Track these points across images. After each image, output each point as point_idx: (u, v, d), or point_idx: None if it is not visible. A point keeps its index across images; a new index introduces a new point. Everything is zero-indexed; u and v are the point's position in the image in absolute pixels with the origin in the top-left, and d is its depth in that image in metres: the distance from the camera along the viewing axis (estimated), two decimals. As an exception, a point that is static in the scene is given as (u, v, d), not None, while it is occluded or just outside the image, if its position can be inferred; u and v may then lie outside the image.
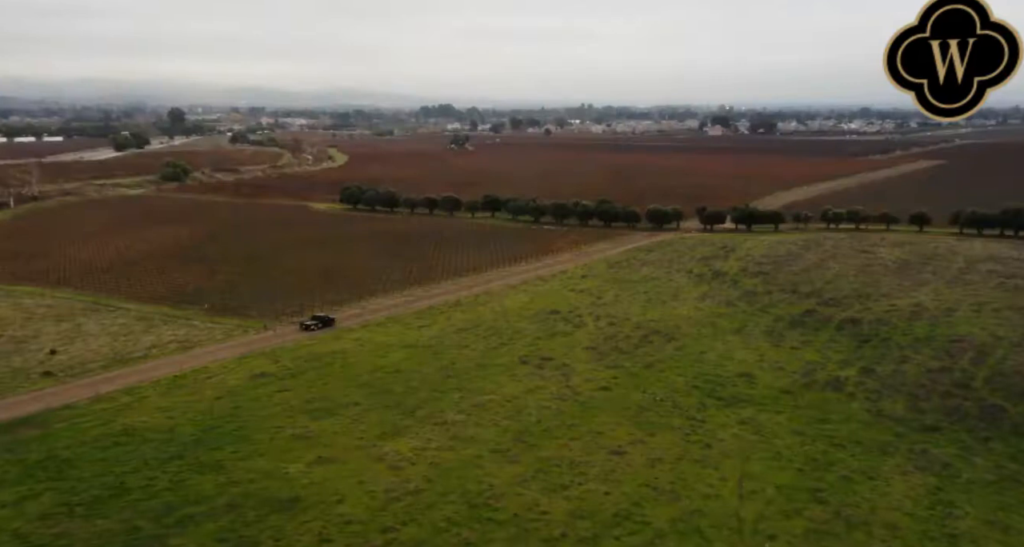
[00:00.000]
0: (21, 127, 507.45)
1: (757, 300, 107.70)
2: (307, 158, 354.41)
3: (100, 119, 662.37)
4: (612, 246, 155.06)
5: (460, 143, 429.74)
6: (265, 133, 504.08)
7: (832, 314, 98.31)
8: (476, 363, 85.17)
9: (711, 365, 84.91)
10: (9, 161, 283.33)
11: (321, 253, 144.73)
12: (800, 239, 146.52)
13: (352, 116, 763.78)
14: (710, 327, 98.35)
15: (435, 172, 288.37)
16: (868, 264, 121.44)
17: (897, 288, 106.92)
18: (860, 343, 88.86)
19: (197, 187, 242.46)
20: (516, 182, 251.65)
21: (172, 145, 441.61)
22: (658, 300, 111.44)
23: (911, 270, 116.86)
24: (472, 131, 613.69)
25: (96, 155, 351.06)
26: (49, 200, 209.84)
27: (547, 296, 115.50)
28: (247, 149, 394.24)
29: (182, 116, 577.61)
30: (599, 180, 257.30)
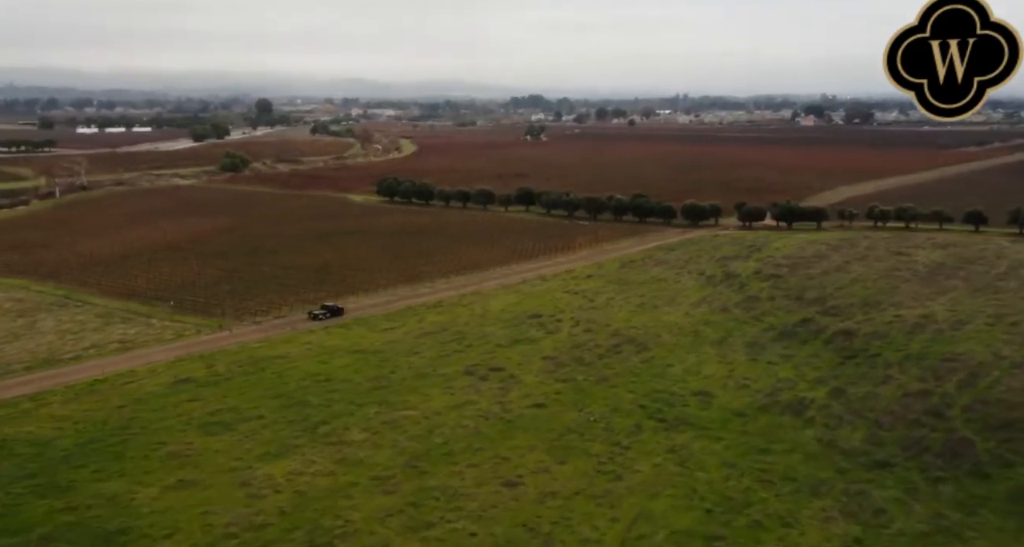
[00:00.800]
0: (114, 118, 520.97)
1: (756, 306, 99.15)
2: (377, 148, 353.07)
3: (198, 110, 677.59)
4: (636, 243, 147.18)
5: (535, 134, 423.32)
6: (344, 124, 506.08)
7: (827, 324, 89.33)
8: (417, 372, 79.42)
9: (671, 380, 77.40)
10: (64, 152, 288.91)
11: (330, 248, 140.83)
12: (836, 239, 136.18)
13: (441, 107, 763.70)
14: (691, 336, 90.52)
15: (494, 163, 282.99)
16: (895, 268, 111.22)
17: (913, 296, 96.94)
18: (844, 359, 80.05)
19: (248, 178, 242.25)
20: (572, 174, 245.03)
21: (253, 136, 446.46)
22: (651, 304, 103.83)
23: (940, 275, 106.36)
24: (555, 121, 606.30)
25: (174, 145, 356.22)
26: (97, 190, 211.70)
27: (537, 297, 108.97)
28: (321, 139, 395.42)
29: (269, 107, 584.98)
30: (658, 172, 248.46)
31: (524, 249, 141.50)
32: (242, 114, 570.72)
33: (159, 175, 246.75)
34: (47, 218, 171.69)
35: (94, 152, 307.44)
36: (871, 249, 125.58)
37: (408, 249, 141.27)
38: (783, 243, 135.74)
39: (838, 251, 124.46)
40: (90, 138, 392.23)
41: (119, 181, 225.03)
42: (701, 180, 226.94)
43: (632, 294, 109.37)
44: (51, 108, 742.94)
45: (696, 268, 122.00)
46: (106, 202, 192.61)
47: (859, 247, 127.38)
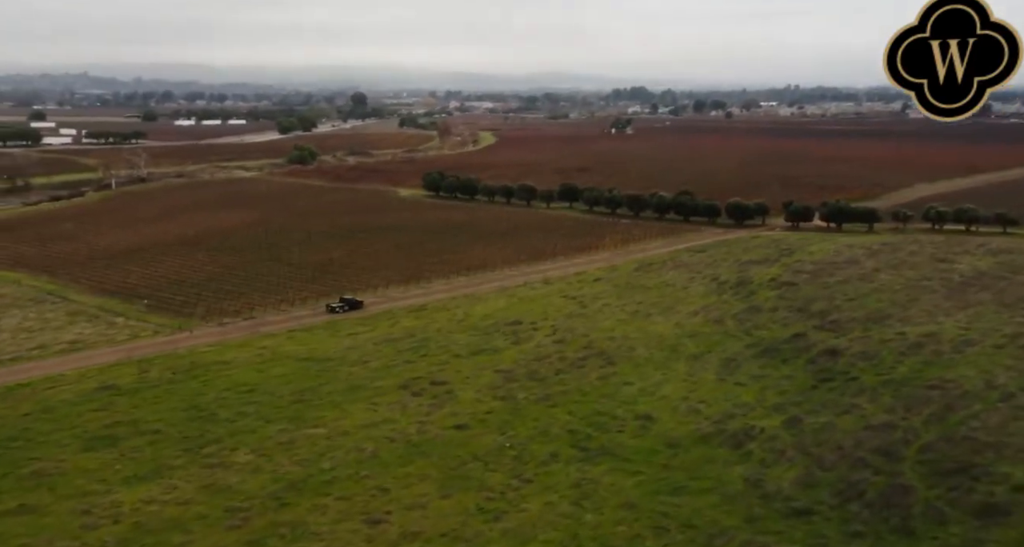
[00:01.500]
0: (215, 111, 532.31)
1: (752, 318, 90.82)
2: (455, 141, 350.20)
3: (301, 103, 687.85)
4: (667, 244, 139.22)
5: (621, 127, 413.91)
6: (434, 117, 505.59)
7: (818, 341, 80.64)
8: (351, 385, 74.41)
9: (620, 401, 70.41)
10: (152, 143, 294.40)
11: (347, 244, 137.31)
12: (879, 243, 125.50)
13: (539, 99, 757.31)
14: (668, 350, 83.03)
15: (564, 156, 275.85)
16: (925, 277, 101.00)
17: (929, 310, 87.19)
18: (819, 382, 71.68)
19: (309, 170, 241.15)
20: (638, 169, 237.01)
21: (341, 128, 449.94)
22: (645, 313, 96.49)
23: (973, 287, 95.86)
24: (651, 114, 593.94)
25: (258, 137, 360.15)
26: (155, 182, 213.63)
27: (529, 302, 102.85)
28: (403, 132, 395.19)
29: (364, 100, 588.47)
30: (731, 168, 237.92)
31: (545, 248, 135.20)
32: (338, 107, 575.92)
33: (225, 167, 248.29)
34: (90, 210, 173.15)
35: (175, 144, 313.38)
36: (913, 254, 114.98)
37: (426, 247, 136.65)
38: (820, 247, 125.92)
39: (874, 257, 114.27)
40: (183, 130, 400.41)
41: (179, 173, 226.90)
42: (773, 176, 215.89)
43: (631, 300, 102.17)
44: (166, 101, 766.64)
45: (713, 273, 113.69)
46: (155, 194, 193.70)
47: (900, 253, 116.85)
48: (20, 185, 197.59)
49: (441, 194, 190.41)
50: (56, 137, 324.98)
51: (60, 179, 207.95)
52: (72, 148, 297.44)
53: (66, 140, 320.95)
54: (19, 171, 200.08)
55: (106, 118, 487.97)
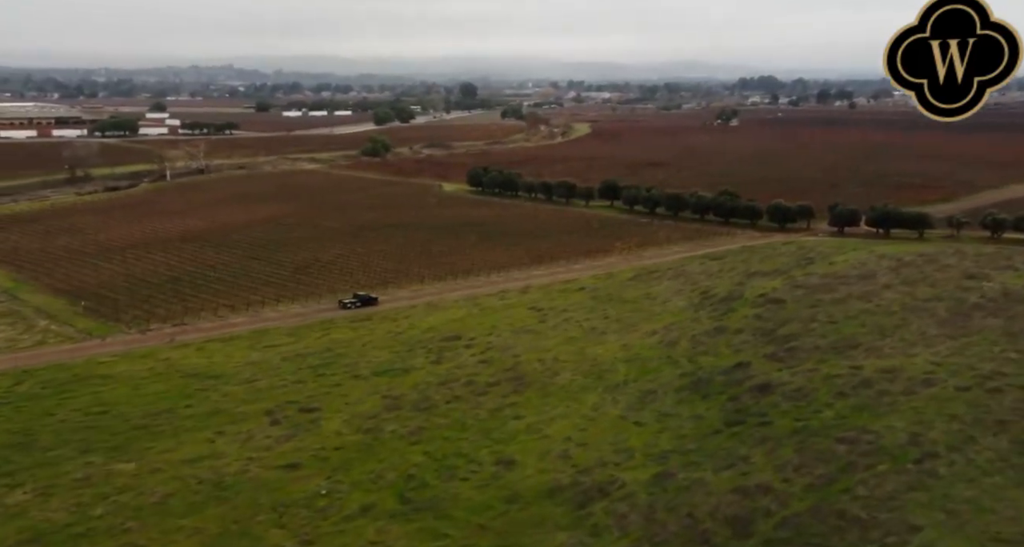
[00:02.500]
0: (323, 101, 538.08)
1: (708, 342, 79.98)
2: (543, 132, 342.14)
3: (423, 94, 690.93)
4: (689, 248, 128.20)
5: (727, 118, 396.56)
6: (539, 108, 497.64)
7: (757, 374, 69.56)
8: (215, 409, 67.79)
9: (494, 439, 61.57)
10: (245, 134, 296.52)
11: (348, 243, 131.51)
12: (915, 253, 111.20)
13: (659, 89, 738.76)
14: (593, 378, 73.32)
15: (649, 150, 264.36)
16: (938, 297, 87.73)
17: (912, 339, 74.82)
18: (727, 425, 61.06)
19: (371, 163, 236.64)
20: (721, 165, 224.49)
21: (443, 119, 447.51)
22: (601, 330, 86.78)
23: (984, 311, 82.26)
24: (770, 104, 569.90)
25: (353, 128, 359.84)
26: (213, 174, 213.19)
27: (487, 314, 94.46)
28: (501, 124, 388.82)
29: (473, 91, 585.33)
30: (819, 164, 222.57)
31: (554, 251, 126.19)
32: (445, 98, 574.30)
33: (295, 159, 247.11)
34: (124, 202, 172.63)
35: (261, 135, 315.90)
36: (942, 269, 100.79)
37: (431, 247, 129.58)
38: (847, 256, 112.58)
39: (896, 271, 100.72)
40: (282, 121, 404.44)
41: (241, 165, 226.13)
42: (861, 173, 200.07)
43: (597, 315, 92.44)
44: (294, 92, 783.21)
45: (709, 285, 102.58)
46: (204, 186, 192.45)
47: (930, 266, 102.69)
48: (80, 175, 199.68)
49: (482, 190, 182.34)
50: (154, 128, 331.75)
51: (123, 170, 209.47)
52: (163, 138, 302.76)
53: (163, 130, 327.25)
54: (80, 162, 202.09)
55: (224, 109, 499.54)
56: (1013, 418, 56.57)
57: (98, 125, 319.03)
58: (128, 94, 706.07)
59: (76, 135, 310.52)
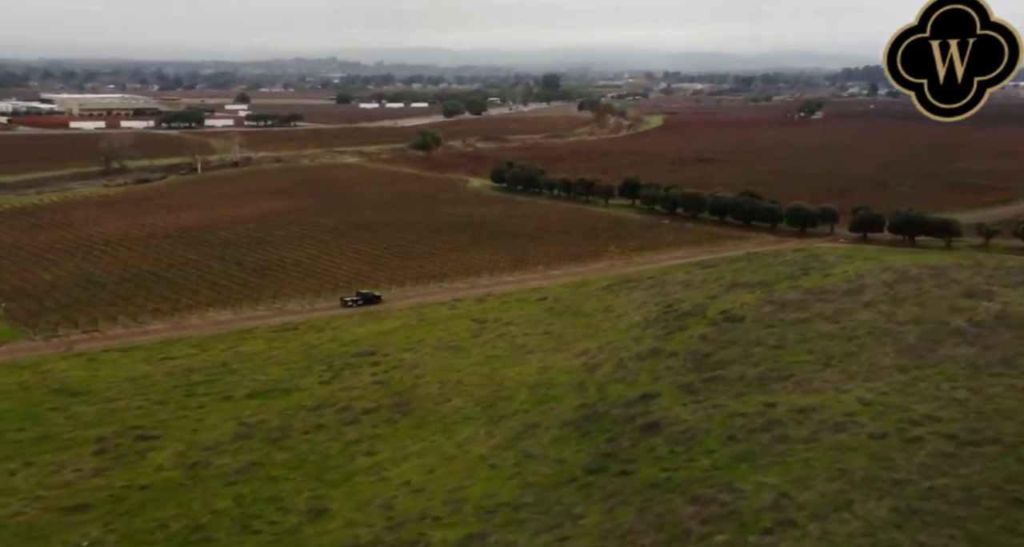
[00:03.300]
0: (402, 93, 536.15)
1: (631, 367, 71.34)
2: (614, 124, 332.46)
3: (511, 85, 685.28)
4: (690, 254, 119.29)
5: (810, 111, 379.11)
6: (623, 100, 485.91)
7: (655, 409, 60.83)
8: (45, 433, 62.01)
9: (324, 482, 54.52)
10: (308, 126, 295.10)
11: (332, 242, 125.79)
12: (921, 265, 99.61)
13: (756, 80, 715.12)
14: (484, 407, 65.60)
15: (710, 145, 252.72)
16: (915, 321, 77.13)
17: (855, 372, 65.07)
18: (584, 473, 52.82)
19: (413, 157, 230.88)
20: (777, 161, 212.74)
21: (520, 110, 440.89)
22: (529, 349, 79.12)
23: (957, 339, 71.51)
24: (869, 95, 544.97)
25: (417, 121, 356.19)
26: (248, 167, 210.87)
27: (423, 326, 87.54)
28: (573, 116, 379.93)
29: (556, 82, 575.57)
30: (882, 162, 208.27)
31: (543, 254, 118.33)
32: (527, 90, 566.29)
33: (341, 152, 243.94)
34: (139, 196, 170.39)
35: (324, 127, 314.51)
36: (945, 285, 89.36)
37: (415, 248, 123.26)
38: (847, 268, 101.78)
39: (889, 287, 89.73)
40: (353, 112, 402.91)
41: (279, 158, 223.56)
42: (923, 173, 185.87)
43: (537, 331, 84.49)
44: (384, 84, 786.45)
45: (679, 297, 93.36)
46: (229, 180, 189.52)
47: (930, 281, 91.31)
48: (115, 167, 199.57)
49: (506, 186, 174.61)
50: (220, 120, 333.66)
51: (160, 162, 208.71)
52: (224, 130, 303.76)
53: (228, 122, 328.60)
54: (115, 154, 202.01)
55: (308, 101, 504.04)
56: (914, 478, 46.94)
57: (165, 117, 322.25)
58: (225, 86, 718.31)
59: (143, 126, 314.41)
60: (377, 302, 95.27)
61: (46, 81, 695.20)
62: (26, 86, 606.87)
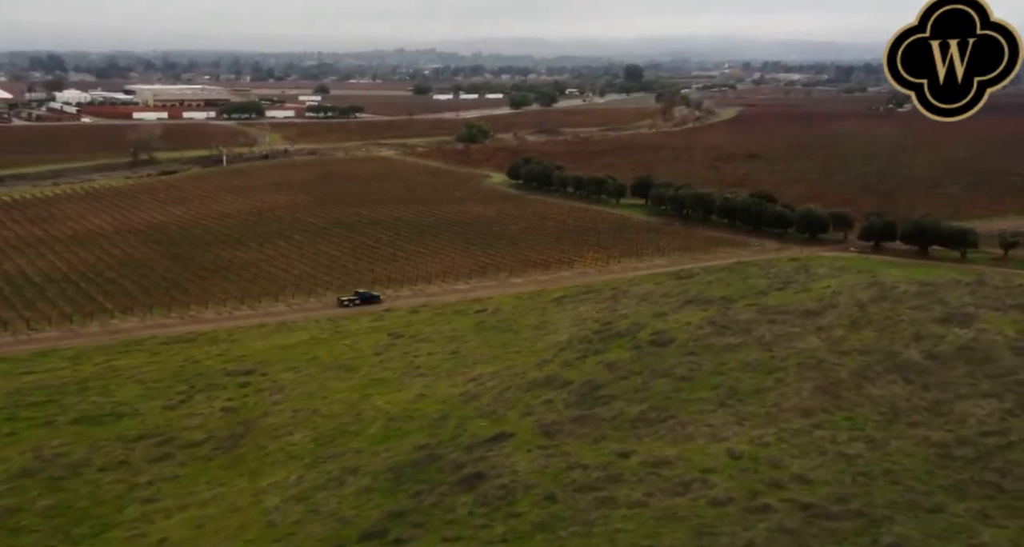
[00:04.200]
0: (478, 85, 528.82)
1: (510, 398, 62.61)
2: (680, 116, 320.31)
3: (598, 76, 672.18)
4: (673, 262, 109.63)
5: (897, 103, 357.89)
6: (707, 91, 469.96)
7: (497, 455, 52.13)
8: None
9: (67, 539, 47.39)
10: (369, 117, 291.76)
11: (304, 242, 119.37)
12: (914, 281, 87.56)
13: (857, 70, 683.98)
14: (322, 444, 57.79)
15: (772, 139, 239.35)
16: (857, 351, 66.66)
17: (750, 413, 55.87)
18: (357, 540, 44.35)
19: (445, 151, 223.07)
20: (820, 159, 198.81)
21: (593, 102, 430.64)
22: (421, 372, 70.98)
23: (896, 376, 61.07)
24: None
25: (482, 112, 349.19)
26: (277, 159, 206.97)
27: (333, 340, 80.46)
28: (641, 108, 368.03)
29: (639, 73, 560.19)
30: (938, 159, 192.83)
31: (517, 259, 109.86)
32: (608, 81, 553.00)
33: (382, 144, 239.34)
34: (145, 188, 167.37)
35: (381, 119, 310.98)
36: (924, 307, 77.74)
37: (382, 250, 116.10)
38: (830, 282, 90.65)
39: (860, 308, 78.44)
40: (424, 103, 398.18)
41: (312, 151, 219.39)
42: (987, 172, 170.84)
43: (447, 350, 76.47)
44: (473, 75, 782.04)
45: (625, 314, 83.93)
46: (248, 173, 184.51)
47: (916, 300, 79.75)
48: (143, 159, 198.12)
49: (521, 183, 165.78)
50: (281, 111, 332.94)
51: (190, 154, 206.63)
52: (284, 121, 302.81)
53: (289, 114, 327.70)
54: (144, 145, 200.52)
55: (387, 92, 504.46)
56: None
57: (226, 107, 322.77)
58: (317, 77, 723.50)
59: (204, 117, 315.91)
60: (376, 302, 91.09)
61: (146, 72, 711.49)
62: (127, 77, 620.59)
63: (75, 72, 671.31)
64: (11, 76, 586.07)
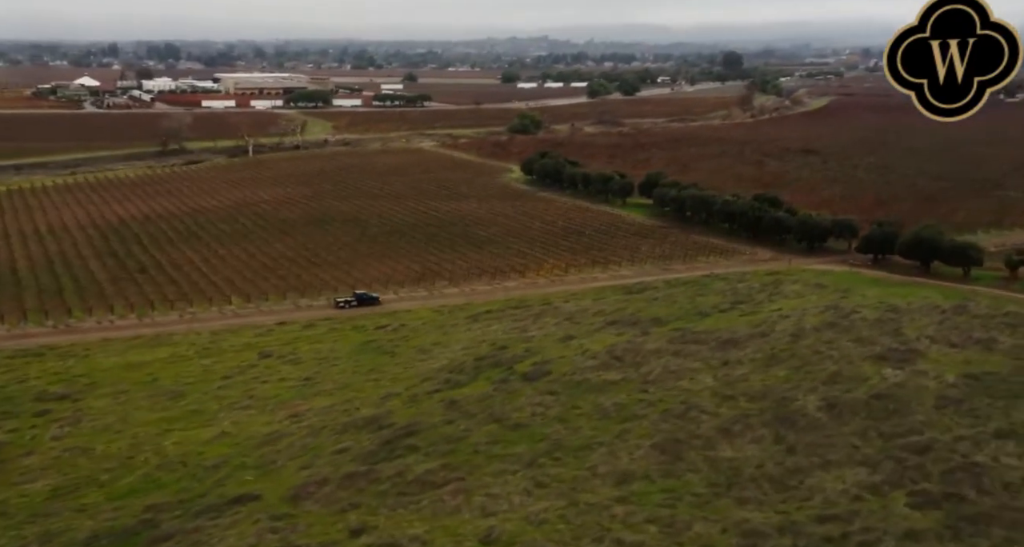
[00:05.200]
0: (566, 73, 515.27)
1: (304, 444, 53.22)
2: (760, 106, 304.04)
3: (705, 63, 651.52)
4: (637, 273, 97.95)
5: (1011, 93, 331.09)
6: (811, 79, 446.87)
7: (193, 528, 42.78)
8: None
9: None
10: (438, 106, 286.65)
11: (251, 241, 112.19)
12: (877, 307, 74.62)
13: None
14: (51, 498, 49.43)
15: (840, 132, 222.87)
16: (746, 396, 55.27)
17: (547, 480, 45.35)
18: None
19: (481, 143, 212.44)
20: (880, 155, 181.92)
21: (682, 91, 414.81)
22: (242, 406, 61.94)
23: (769, 431, 49.79)
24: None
25: (556, 101, 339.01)
26: (309, 150, 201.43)
27: (193, 358, 72.36)
28: (722, 97, 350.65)
29: (738, 60, 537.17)
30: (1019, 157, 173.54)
31: (467, 266, 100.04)
32: (701, 69, 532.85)
33: (427, 135, 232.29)
34: (150, 180, 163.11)
35: (447, 108, 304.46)
36: (866, 340, 65.64)
37: (340, 252, 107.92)
38: (783, 304, 78.80)
39: (793, 338, 66.93)
40: (510, 93, 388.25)
41: (346, 141, 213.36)
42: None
43: (298, 376, 67.42)
44: (576, 63, 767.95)
45: (532, 334, 73.50)
46: (266, 164, 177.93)
47: (869, 330, 67.48)
48: (174, 148, 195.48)
49: (534, 179, 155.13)
50: (347, 99, 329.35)
51: (225, 144, 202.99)
52: (347, 110, 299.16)
53: (356, 102, 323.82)
54: (174, 134, 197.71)
55: (474, 80, 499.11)
56: None
57: (292, 96, 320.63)
58: (416, 65, 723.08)
59: (269, 106, 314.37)
60: (374, 304, 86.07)
61: (253, 61, 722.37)
62: (233, 65, 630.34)
63: (186, 60, 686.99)
64: (124, 64, 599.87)
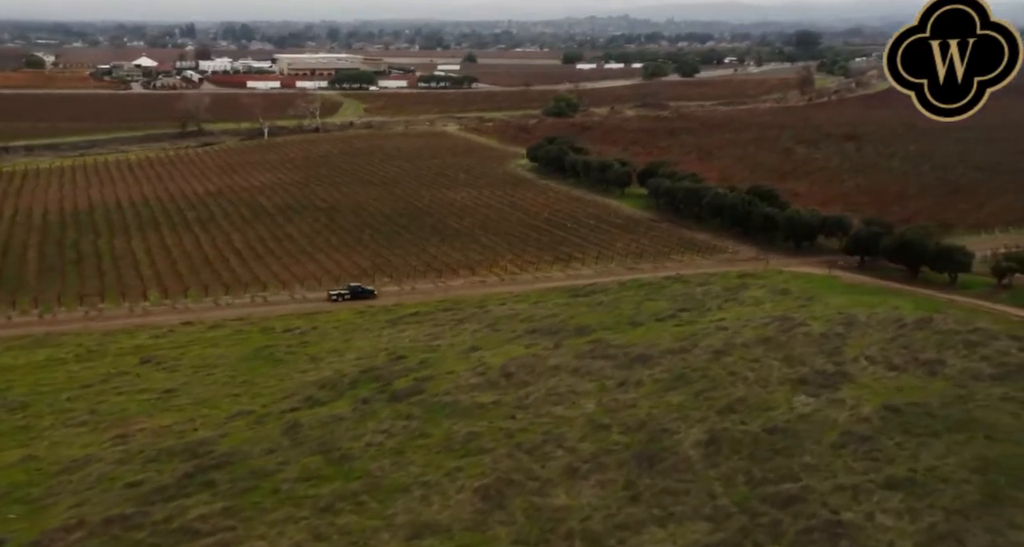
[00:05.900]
0: (625, 54, 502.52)
1: (101, 474, 47.23)
2: (822, 87, 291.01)
3: (785, 43, 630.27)
4: (598, 273, 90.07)
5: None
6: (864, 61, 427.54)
7: None
8: None
9: None
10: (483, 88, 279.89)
11: (205, 234, 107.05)
12: (834, 320, 65.88)
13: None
14: None
15: (886, 119, 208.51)
16: (621, 426, 47.88)
17: (329, 531, 38.10)
18: None
19: (505, 127, 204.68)
20: (922, 144, 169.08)
21: (745, 72, 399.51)
22: (79, 421, 56.28)
23: (616, 474, 42.31)
24: None
25: (610, 83, 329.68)
26: (330, 132, 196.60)
27: (71, 362, 67.52)
28: (784, 78, 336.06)
29: (812, 39, 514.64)
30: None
31: (419, 262, 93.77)
32: (771, 49, 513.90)
33: (458, 117, 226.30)
34: (158, 162, 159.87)
35: (493, 90, 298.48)
36: (799, 360, 57.63)
37: (294, 244, 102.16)
38: (726, 314, 70.39)
39: (714, 355, 59.12)
40: (565, 73, 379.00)
41: (368, 124, 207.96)
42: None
43: (161, 388, 61.45)
44: (651, 42, 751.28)
45: (439, 344, 66.82)
46: (279, 147, 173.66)
47: (797, 348, 58.65)
48: (192, 129, 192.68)
49: (538, 166, 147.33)
50: (393, 80, 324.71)
51: (246, 125, 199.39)
52: (391, 91, 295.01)
53: (402, 84, 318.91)
54: (191, 116, 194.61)
55: (535, 61, 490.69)
56: None
57: (337, 77, 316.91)
58: (484, 45, 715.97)
59: (315, 86, 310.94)
60: (369, 297, 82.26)
61: (323, 42, 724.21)
62: (303, 46, 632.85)
63: (259, 41, 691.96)
64: (198, 44, 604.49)
